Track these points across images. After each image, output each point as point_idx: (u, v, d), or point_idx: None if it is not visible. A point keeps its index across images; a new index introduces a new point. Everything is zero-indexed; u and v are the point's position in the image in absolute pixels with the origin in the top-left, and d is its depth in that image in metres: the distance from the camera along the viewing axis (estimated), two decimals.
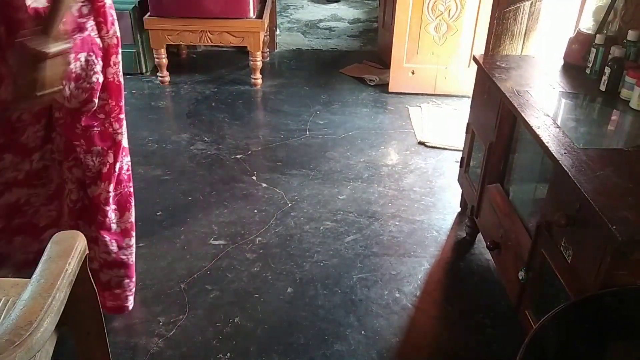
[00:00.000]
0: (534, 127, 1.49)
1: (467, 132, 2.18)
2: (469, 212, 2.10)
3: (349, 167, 2.73)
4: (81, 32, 1.32)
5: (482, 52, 2.94)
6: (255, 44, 3.49)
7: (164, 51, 3.56)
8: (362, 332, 1.74)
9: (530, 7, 2.46)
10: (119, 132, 1.50)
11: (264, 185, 2.55)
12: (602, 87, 1.76)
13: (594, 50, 1.86)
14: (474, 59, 2.06)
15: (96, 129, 1.45)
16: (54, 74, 1.16)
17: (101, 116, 1.46)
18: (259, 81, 3.67)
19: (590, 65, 1.88)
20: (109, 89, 1.44)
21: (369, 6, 5.75)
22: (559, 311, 1.09)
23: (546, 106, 1.64)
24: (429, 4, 3.40)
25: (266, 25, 3.73)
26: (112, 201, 1.56)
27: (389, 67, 3.68)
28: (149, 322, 1.75)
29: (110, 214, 1.57)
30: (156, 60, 3.60)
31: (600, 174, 1.27)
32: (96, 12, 1.34)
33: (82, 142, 1.44)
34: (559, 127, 1.50)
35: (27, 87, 1.15)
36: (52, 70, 1.15)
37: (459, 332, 1.77)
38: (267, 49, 4.21)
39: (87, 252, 0.95)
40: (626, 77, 1.69)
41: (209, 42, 3.53)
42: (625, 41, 1.80)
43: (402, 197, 2.49)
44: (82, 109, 1.40)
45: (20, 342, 0.67)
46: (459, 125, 2.63)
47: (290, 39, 4.71)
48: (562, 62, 2.02)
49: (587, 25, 2.06)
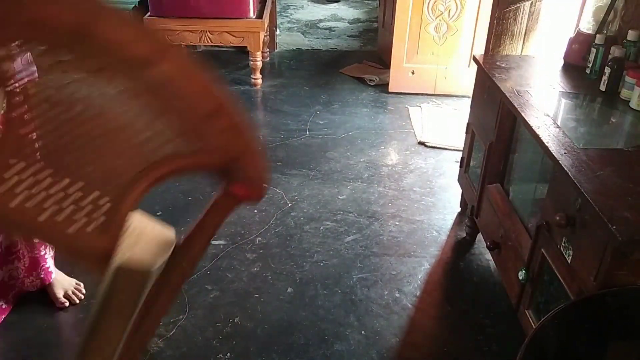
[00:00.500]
0: (534, 127, 1.49)
1: (467, 132, 2.18)
2: (469, 212, 2.10)
3: (349, 167, 2.73)
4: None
5: (482, 52, 2.94)
6: (255, 44, 3.49)
7: None
8: (362, 332, 1.74)
9: (530, 7, 2.46)
10: None
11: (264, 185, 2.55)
12: (602, 87, 1.76)
13: (594, 50, 1.86)
14: (474, 59, 2.06)
15: None
16: None
17: None
18: (259, 81, 3.67)
19: (590, 65, 1.88)
20: None
21: (369, 6, 5.75)
22: (559, 311, 1.09)
23: (546, 106, 1.64)
24: (429, 4, 3.40)
25: (266, 25, 3.73)
26: None
27: (389, 67, 3.68)
28: None
29: None
30: None
31: (600, 174, 1.27)
32: None
33: None
34: (559, 127, 1.50)
35: None
36: None
37: (459, 332, 1.77)
38: (267, 49, 4.21)
39: None
40: (626, 77, 1.69)
41: (209, 42, 3.53)
42: (625, 41, 1.80)
43: (402, 197, 2.49)
44: None
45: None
46: (459, 125, 2.63)
47: (290, 39, 4.71)
48: (562, 62, 2.02)
49: (587, 25, 2.06)
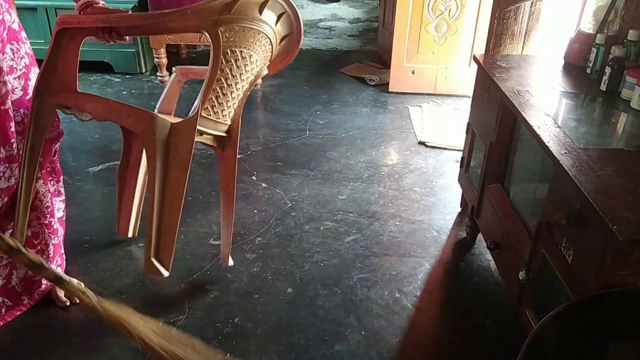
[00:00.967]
0: (534, 127, 1.49)
1: (467, 132, 2.17)
2: (470, 212, 2.10)
3: (349, 167, 2.73)
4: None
5: (483, 51, 2.94)
6: None
7: (163, 51, 3.55)
8: (362, 333, 1.74)
9: (530, 7, 2.46)
10: None
11: (264, 185, 2.55)
12: (603, 87, 1.76)
13: (594, 50, 1.86)
14: (475, 59, 2.06)
15: None
16: None
17: None
18: (259, 81, 3.66)
19: (590, 65, 1.88)
20: None
21: (369, 6, 5.75)
22: (559, 311, 1.09)
23: (547, 106, 1.64)
24: (429, 4, 3.40)
25: None
26: None
27: (389, 67, 3.68)
28: None
29: None
30: (156, 59, 3.59)
31: (600, 174, 1.27)
32: None
33: None
34: (559, 127, 1.50)
35: None
36: None
37: (459, 332, 1.77)
38: None
39: None
40: (627, 76, 1.69)
41: (209, 41, 3.52)
42: (625, 41, 1.80)
43: (402, 197, 2.49)
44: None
45: None
46: (459, 125, 2.63)
47: None
48: (562, 62, 2.02)
49: (588, 25, 2.06)
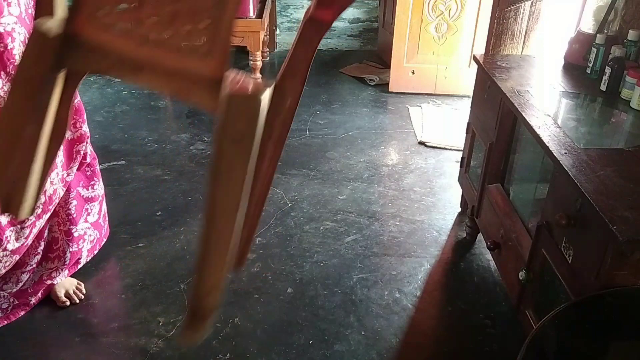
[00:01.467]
0: (534, 127, 1.49)
1: (467, 132, 2.17)
2: (470, 212, 2.10)
3: (349, 167, 2.73)
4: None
5: (483, 51, 2.93)
6: (255, 44, 3.49)
7: None
8: (362, 333, 1.74)
9: (530, 7, 2.45)
10: None
11: None
12: (603, 87, 1.76)
13: (594, 50, 1.85)
14: (474, 59, 2.06)
15: None
16: None
17: None
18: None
19: (590, 65, 1.88)
20: None
21: (369, 6, 5.73)
22: (559, 311, 1.09)
23: (547, 106, 1.64)
24: (429, 4, 3.40)
25: (266, 25, 3.73)
26: None
27: (389, 67, 3.68)
28: (149, 322, 1.75)
29: None
30: None
31: (600, 174, 1.27)
32: None
33: None
34: (559, 127, 1.50)
35: None
36: None
37: (459, 332, 1.77)
38: (267, 49, 4.21)
39: None
40: (627, 77, 1.69)
41: None
42: (625, 41, 1.80)
43: (402, 197, 2.49)
44: None
45: None
46: (459, 125, 2.63)
47: (290, 38, 4.71)
48: (562, 62, 2.02)
49: (588, 25, 2.05)
